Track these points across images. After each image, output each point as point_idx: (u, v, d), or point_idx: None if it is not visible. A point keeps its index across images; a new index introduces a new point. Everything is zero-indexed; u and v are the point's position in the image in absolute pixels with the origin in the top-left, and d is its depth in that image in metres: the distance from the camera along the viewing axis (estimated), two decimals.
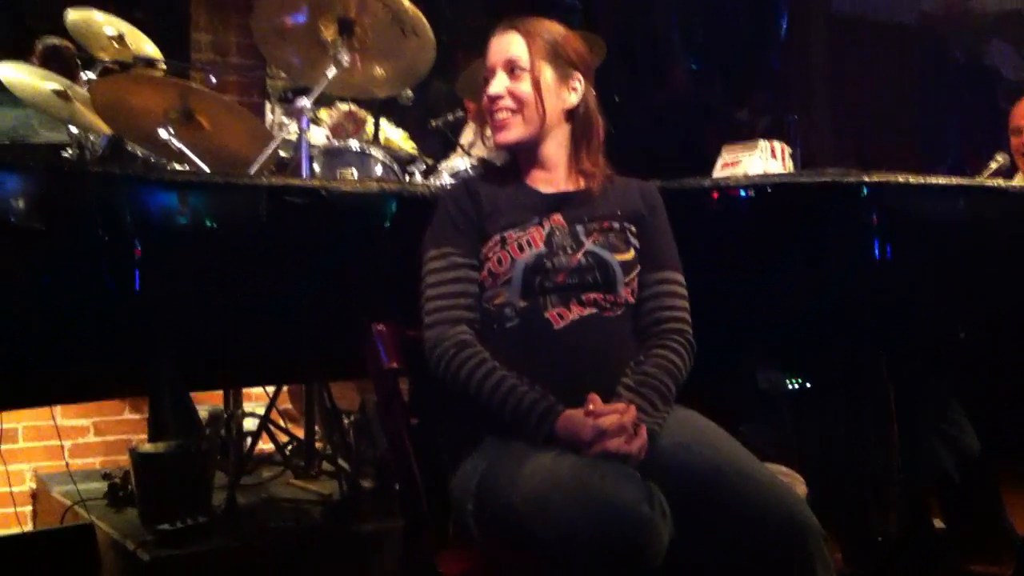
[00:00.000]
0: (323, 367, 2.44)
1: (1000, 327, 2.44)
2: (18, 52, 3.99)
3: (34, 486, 4.04)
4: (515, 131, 2.18)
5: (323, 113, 4.15)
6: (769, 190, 2.29)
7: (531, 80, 2.16)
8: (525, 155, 2.24)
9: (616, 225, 2.16)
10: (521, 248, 2.10)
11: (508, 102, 2.17)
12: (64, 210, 1.74)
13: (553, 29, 2.21)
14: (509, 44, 2.18)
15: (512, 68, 2.17)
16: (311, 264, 2.22)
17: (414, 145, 4.30)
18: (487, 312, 2.11)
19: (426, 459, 2.05)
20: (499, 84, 2.18)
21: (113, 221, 1.78)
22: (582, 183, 2.24)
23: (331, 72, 3.08)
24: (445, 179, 3.08)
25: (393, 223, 2.32)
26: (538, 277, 2.08)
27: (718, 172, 3.03)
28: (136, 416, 4.34)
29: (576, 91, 2.21)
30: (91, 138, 3.98)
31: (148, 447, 3.48)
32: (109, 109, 3.14)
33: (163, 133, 3.04)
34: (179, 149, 3.03)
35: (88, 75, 3.94)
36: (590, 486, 1.73)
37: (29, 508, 4.01)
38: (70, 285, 1.77)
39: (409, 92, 3.66)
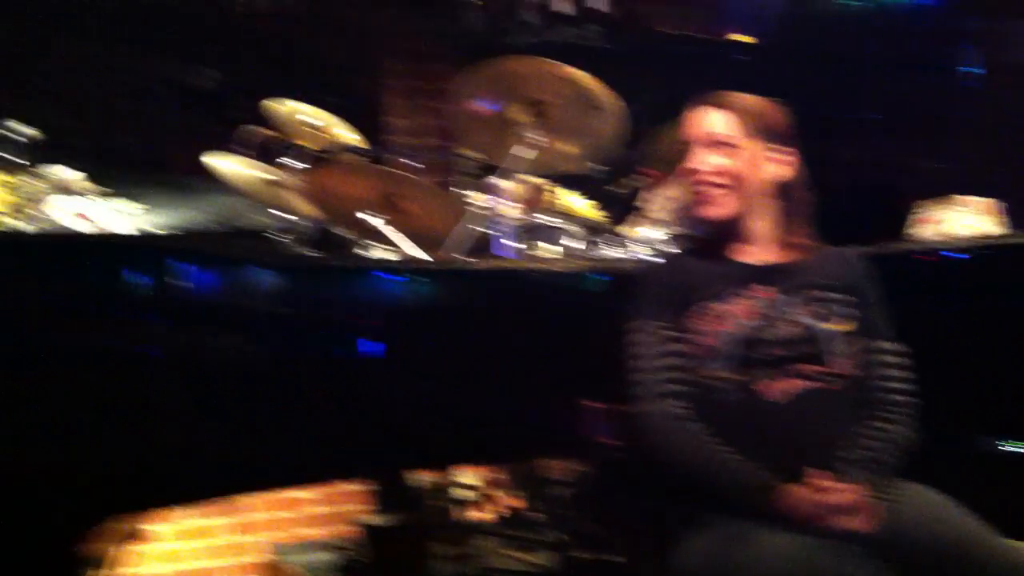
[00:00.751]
0: (537, 446, 2.48)
1: None
2: (220, 141, 4.31)
3: (267, 557, 4.23)
4: (722, 207, 2.19)
5: (510, 186, 4.25)
6: (993, 252, 2.21)
7: (740, 157, 2.17)
8: (730, 227, 2.24)
9: (828, 295, 2.13)
10: (731, 320, 2.10)
11: (714, 178, 2.18)
12: (310, 300, 1.85)
13: (759, 104, 2.21)
14: (713, 120, 2.20)
15: (717, 144, 2.19)
16: (521, 342, 2.27)
17: (601, 214, 4.35)
18: (697, 385, 2.11)
19: (643, 534, 2.05)
20: (703, 159, 2.19)
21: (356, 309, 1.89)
22: (789, 254, 2.22)
23: (521, 152, 3.17)
24: (638, 249, 3.10)
25: (600, 299, 2.35)
26: (750, 350, 2.07)
27: (914, 231, 2.94)
28: (361, 487, 4.46)
29: (785, 164, 2.21)
30: (299, 222, 4.24)
31: (373, 519, 3.61)
32: (317, 196, 3.31)
33: (368, 218, 3.19)
34: (383, 232, 3.17)
35: (288, 162, 4.19)
36: (826, 568, 1.70)
37: None
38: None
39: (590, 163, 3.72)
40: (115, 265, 1.56)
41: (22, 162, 3.28)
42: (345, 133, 4.41)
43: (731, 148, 2.17)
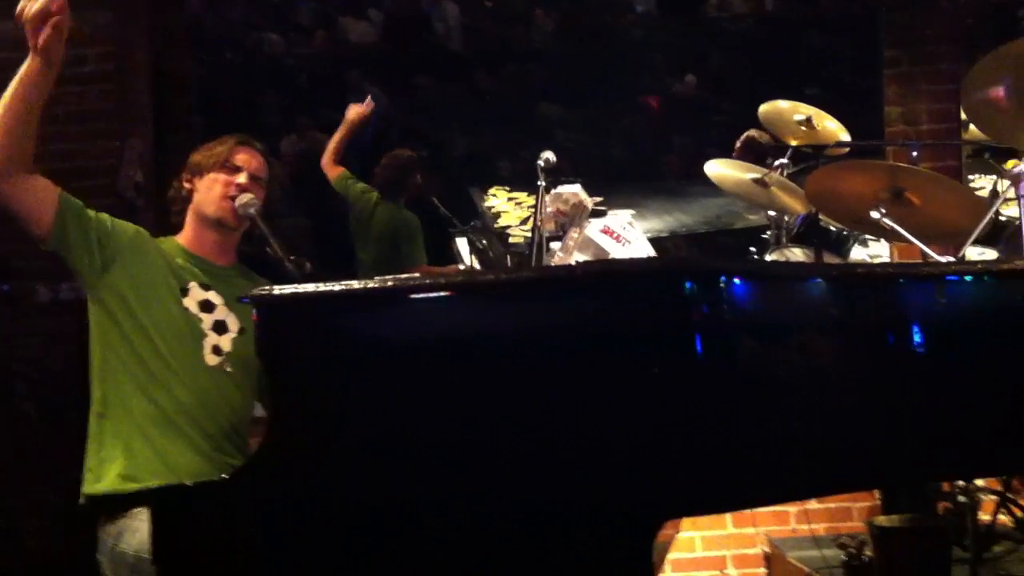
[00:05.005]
0: None
1: None
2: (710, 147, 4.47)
3: (767, 550, 4.31)
4: None
5: None
6: None
7: None
8: None
9: None
10: None
11: None
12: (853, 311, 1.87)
13: None
14: None
15: None
16: None
17: None
18: None
19: None
20: None
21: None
22: None
23: None
24: None
25: None
26: None
27: None
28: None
29: None
30: (786, 219, 4.28)
31: (884, 520, 3.54)
32: (819, 196, 3.31)
33: (874, 214, 3.12)
34: (891, 228, 3.09)
35: (781, 161, 4.23)
36: None
37: (762, 571, 4.28)
38: None
39: None
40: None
41: (544, 184, 3.62)
42: (831, 127, 4.37)
43: None
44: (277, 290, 1.73)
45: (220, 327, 2.32)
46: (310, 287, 1.73)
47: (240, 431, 2.33)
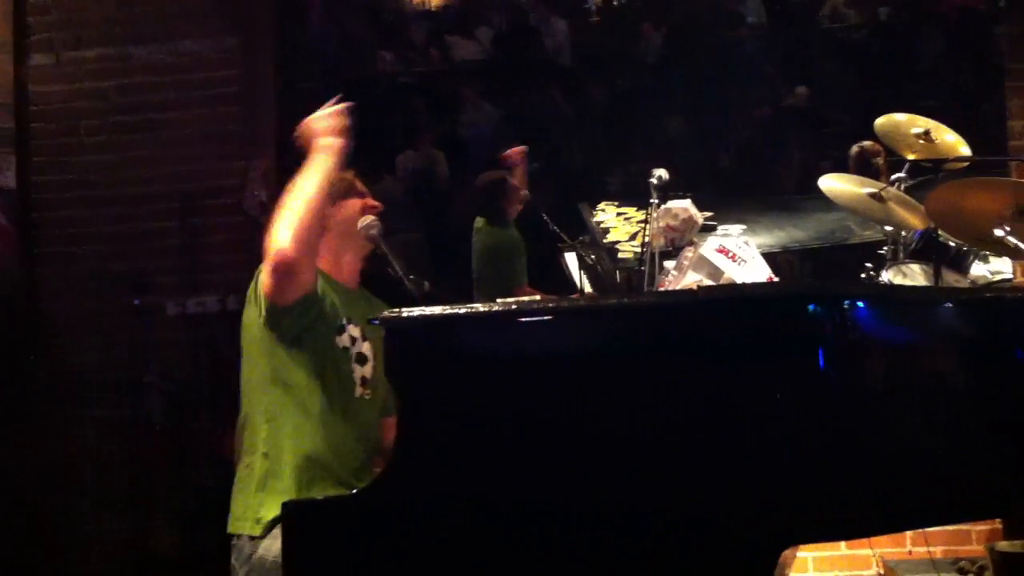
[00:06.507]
0: None
1: None
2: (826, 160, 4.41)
3: (881, 571, 4.23)
4: None
5: None
6: None
7: None
8: None
9: None
10: None
11: None
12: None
13: None
14: None
15: None
16: None
17: None
18: None
19: None
20: None
21: None
22: None
23: None
24: None
25: None
26: None
27: None
28: None
29: None
30: (903, 234, 4.19)
31: (1007, 545, 3.46)
32: (941, 213, 3.25)
33: (998, 232, 3.06)
34: (1015, 245, 3.02)
35: (898, 175, 4.15)
36: None
37: None
38: None
39: None
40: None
41: (656, 201, 3.63)
42: (949, 139, 4.26)
43: None
44: (406, 312, 1.80)
45: (362, 359, 2.39)
46: (437, 310, 1.79)
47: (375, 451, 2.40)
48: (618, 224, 5.40)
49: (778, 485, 1.64)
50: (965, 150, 4.22)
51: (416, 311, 1.82)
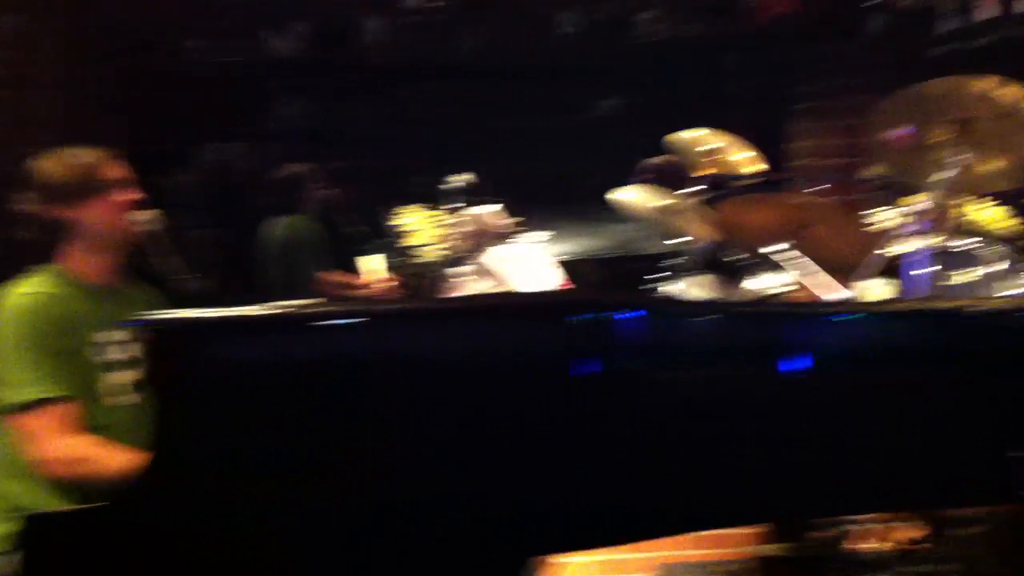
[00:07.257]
0: (954, 495, 2.31)
1: None
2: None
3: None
4: None
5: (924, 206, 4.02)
6: None
7: None
8: None
9: None
10: None
11: None
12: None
13: None
14: None
15: None
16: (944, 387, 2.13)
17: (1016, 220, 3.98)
18: None
19: None
20: None
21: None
22: None
23: (944, 174, 3.02)
24: None
25: None
26: None
27: None
28: None
29: None
30: (697, 246, 4.32)
31: (765, 548, 3.57)
32: (728, 226, 3.37)
33: (780, 246, 3.19)
34: (796, 259, 3.16)
35: (690, 189, 4.27)
36: None
37: None
38: None
39: None
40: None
41: (460, 205, 3.63)
42: (746, 158, 4.42)
43: None
44: (158, 315, 1.70)
45: (121, 365, 2.27)
46: (192, 313, 1.70)
47: None
48: (425, 227, 5.35)
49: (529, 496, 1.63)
50: (753, 167, 4.38)
51: (171, 313, 1.72)
